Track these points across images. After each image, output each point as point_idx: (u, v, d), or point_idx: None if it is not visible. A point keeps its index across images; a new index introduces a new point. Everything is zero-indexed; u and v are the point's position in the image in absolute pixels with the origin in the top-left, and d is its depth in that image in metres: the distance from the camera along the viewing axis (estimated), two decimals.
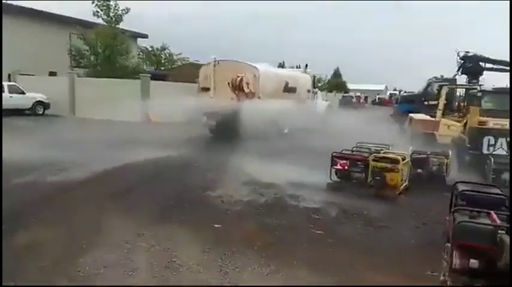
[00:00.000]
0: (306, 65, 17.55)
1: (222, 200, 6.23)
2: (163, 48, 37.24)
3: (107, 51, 23.17)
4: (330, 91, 49.78)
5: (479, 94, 9.31)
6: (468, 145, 8.87)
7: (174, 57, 38.76)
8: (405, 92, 25.37)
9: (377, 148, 8.17)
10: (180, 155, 10.14)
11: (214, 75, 12.68)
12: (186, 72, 31.05)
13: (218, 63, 12.82)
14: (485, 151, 8.47)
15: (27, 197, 6.04)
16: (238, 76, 12.27)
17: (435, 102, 17.46)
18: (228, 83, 12.41)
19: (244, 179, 7.81)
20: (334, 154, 7.29)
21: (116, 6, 23.86)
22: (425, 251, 4.56)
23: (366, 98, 58.39)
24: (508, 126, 8.22)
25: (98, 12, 23.47)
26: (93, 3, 23.20)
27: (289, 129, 14.38)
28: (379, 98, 65.54)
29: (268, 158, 9.68)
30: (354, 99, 44.30)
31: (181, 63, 37.98)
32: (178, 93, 21.37)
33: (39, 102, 20.16)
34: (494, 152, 8.37)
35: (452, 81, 17.63)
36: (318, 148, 10.96)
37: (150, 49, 36.32)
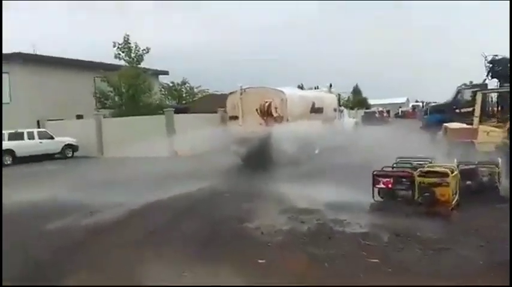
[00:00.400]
0: (330, 85, 17.43)
1: (262, 232, 5.86)
2: (183, 83, 38.07)
3: (130, 91, 23.67)
4: (352, 108, 49.26)
5: None
6: None
7: (195, 89, 39.50)
8: (433, 102, 24.69)
9: (419, 162, 7.68)
10: (211, 186, 9.89)
11: (242, 103, 12.79)
12: (207, 103, 31.50)
13: (245, 91, 12.92)
14: None
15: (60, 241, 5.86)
16: (266, 102, 12.29)
17: (467, 109, 16.86)
18: (257, 110, 12.45)
19: (281, 206, 7.47)
20: (375, 173, 6.86)
21: (136, 47, 24.51)
22: (497, 272, 4.06)
23: (388, 112, 57.34)
24: None
25: (119, 54, 24.16)
26: (114, 46, 23.93)
27: (319, 149, 14.23)
28: (402, 111, 64.40)
29: (302, 181, 9.36)
30: (377, 114, 43.53)
31: (202, 95, 38.67)
32: (201, 124, 21.58)
33: (68, 146, 20.55)
34: None
35: (482, 86, 16.92)
36: (351, 167, 10.79)
37: (171, 85, 37.13)
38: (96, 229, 6.59)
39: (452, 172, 6.45)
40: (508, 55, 16.69)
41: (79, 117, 23.90)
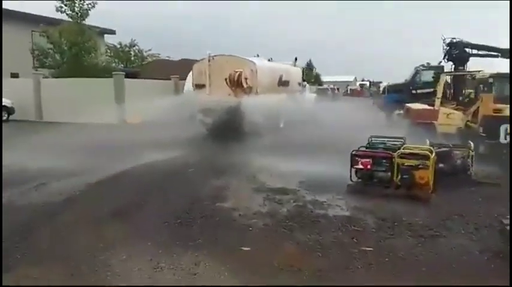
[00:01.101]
0: (296, 58, 17.13)
1: (240, 214, 5.36)
2: (132, 45, 35.73)
3: (73, 49, 21.57)
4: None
5: (490, 80, 8.85)
6: (483, 134, 8.39)
7: (144, 53, 37.31)
8: (376, 82, 25.29)
9: (393, 143, 7.51)
10: (173, 159, 9.16)
11: (210, 71, 12.15)
12: (157, 69, 29.87)
13: (213, 58, 12.26)
14: (502, 140, 8.02)
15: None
16: (236, 71, 11.75)
17: (423, 90, 17.27)
18: (226, 79, 11.86)
19: (253, 184, 7.03)
20: (354, 152, 6.55)
21: (81, 1, 22.24)
22: (497, 264, 3.91)
23: (337, 89, 58.41)
24: None
25: (61, 7, 21.76)
26: None
27: (284, 122, 14.04)
28: (350, 89, 65.96)
29: (272, 156, 9.02)
30: (329, 91, 44.05)
31: (152, 60, 36.63)
32: (153, 91, 20.40)
33: (3, 108, 18.44)
34: None
35: (439, 68, 17.37)
36: (319, 142, 10.70)
37: (118, 46, 34.67)
38: (51, 203, 5.75)
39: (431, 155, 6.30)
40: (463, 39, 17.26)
41: (14, 76, 21.51)
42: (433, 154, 6.42)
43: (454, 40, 16.97)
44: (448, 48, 17.18)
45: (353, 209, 5.53)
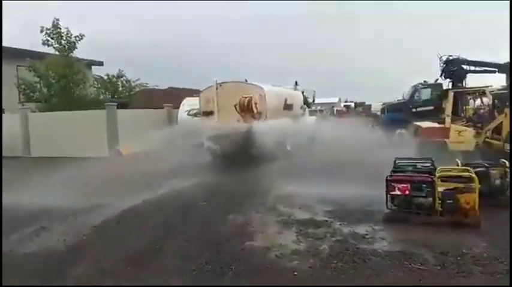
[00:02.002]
0: (296, 82, 17.50)
1: (276, 254, 4.70)
2: (119, 75, 35.12)
3: (61, 82, 20.90)
4: None
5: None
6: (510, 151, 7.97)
7: (132, 83, 36.78)
8: (357, 102, 25.16)
9: (424, 164, 6.99)
10: (182, 190, 8.53)
11: (218, 98, 12.04)
12: (146, 98, 29.32)
13: (220, 85, 12.15)
14: None
15: None
16: (245, 97, 11.65)
17: (423, 108, 17.06)
18: (235, 105, 11.73)
19: (278, 216, 6.38)
20: (389, 177, 6.00)
21: (68, 33, 21.75)
22: None
23: (323, 111, 58.56)
24: None
25: (48, 41, 21.19)
26: (42, 31, 20.92)
27: (290, 146, 14.01)
28: (337, 110, 66.41)
29: (288, 182, 8.55)
30: (318, 113, 44.07)
31: (140, 89, 36.08)
32: (147, 120, 19.80)
33: None
34: None
35: (438, 86, 17.27)
36: (332, 165, 10.39)
37: (105, 77, 34.07)
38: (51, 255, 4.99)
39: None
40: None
41: None
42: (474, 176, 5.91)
43: (451, 57, 16.97)
44: (444, 65, 17.16)
45: (402, 243, 4.92)
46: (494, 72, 17.54)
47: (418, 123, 12.54)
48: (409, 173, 6.19)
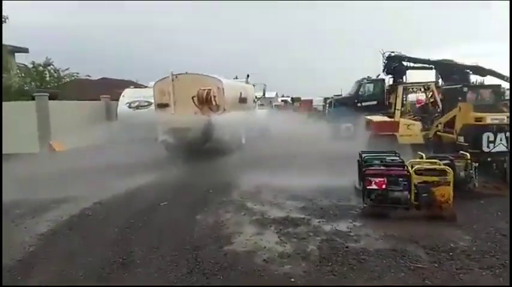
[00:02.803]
0: (248, 75, 17.37)
1: (264, 259, 4.31)
2: (47, 64, 32.20)
3: None
4: None
5: (465, 89, 8.92)
6: (464, 144, 8.27)
7: (61, 73, 34.01)
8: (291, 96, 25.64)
9: (390, 157, 6.99)
10: (138, 189, 7.79)
11: (174, 90, 11.59)
12: (78, 90, 27.31)
13: (176, 77, 11.72)
14: (485, 149, 7.94)
15: None
16: (204, 89, 11.32)
17: (367, 103, 17.56)
18: (193, 97, 11.33)
19: (250, 215, 6.00)
20: (366, 171, 5.87)
21: None
22: None
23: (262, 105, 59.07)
24: (506, 121, 7.82)
25: None
26: None
27: (245, 139, 13.99)
28: (275, 105, 67.34)
29: (250, 176, 8.41)
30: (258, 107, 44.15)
31: (70, 80, 33.54)
32: (82, 113, 18.29)
33: None
34: (494, 149, 7.89)
35: (380, 81, 17.85)
36: (287, 156, 10.76)
37: (31, 65, 31.06)
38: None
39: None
40: None
41: None
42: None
43: (393, 54, 17.61)
44: (386, 61, 17.79)
45: (389, 239, 4.79)
46: (431, 69, 18.52)
47: (369, 117, 12.78)
48: (383, 167, 6.10)
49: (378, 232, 5.05)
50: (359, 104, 17.49)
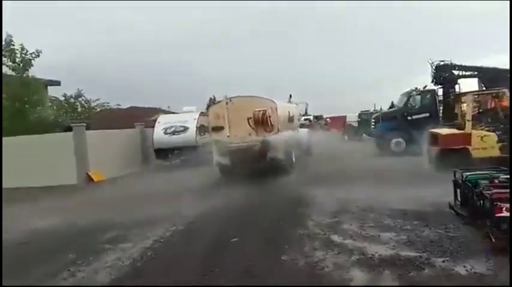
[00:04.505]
0: (290, 96, 17.23)
1: None
2: (78, 95, 32.49)
3: (17, 104, 18.51)
4: None
5: None
6: None
7: (92, 103, 34.27)
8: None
9: (501, 175, 5.83)
10: (197, 222, 6.91)
11: (228, 113, 11.93)
12: (108, 119, 27.24)
13: (231, 100, 12.09)
14: None
15: None
16: (259, 111, 11.70)
17: (419, 116, 16.35)
18: (249, 119, 11.73)
19: (347, 252, 4.97)
20: (494, 195, 4.74)
21: (23, 50, 19.44)
22: None
23: None
24: None
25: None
26: None
27: (295, 157, 13.96)
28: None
29: (316, 200, 8.05)
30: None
31: (101, 110, 33.74)
32: (118, 142, 17.82)
33: None
34: None
35: (431, 92, 16.70)
36: (346, 176, 10.58)
37: (62, 98, 31.31)
38: None
39: None
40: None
41: None
42: None
43: (442, 63, 16.53)
44: (435, 71, 16.69)
45: None
46: (480, 76, 17.26)
47: (435, 130, 11.60)
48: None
49: None
50: (409, 117, 16.30)
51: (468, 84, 17.20)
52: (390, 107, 21.67)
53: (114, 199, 10.19)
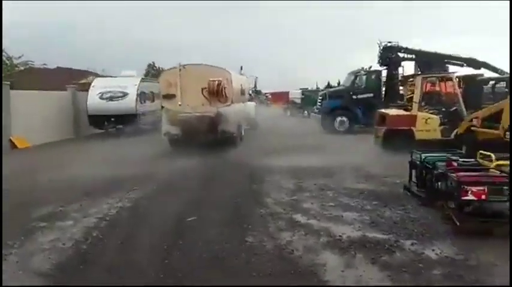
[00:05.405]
0: (241, 68, 17.14)
1: None
2: None
3: None
4: None
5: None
6: None
7: (14, 61, 30.89)
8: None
9: (458, 158, 5.94)
10: (147, 197, 6.32)
11: (181, 81, 11.28)
12: (33, 79, 24.80)
13: (184, 67, 11.42)
14: None
15: None
16: (214, 81, 11.14)
17: (364, 95, 16.70)
18: (203, 89, 11.21)
19: (315, 234, 4.76)
20: (461, 178, 4.73)
21: None
22: None
23: None
24: None
25: None
26: None
27: (244, 130, 14.03)
28: None
29: (271, 176, 7.92)
30: None
31: (24, 69, 30.55)
32: (48, 105, 16.24)
33: None
34: None
35: (377, 72, 17.07)
36: (294, 151, 10.55)
37: None
38: None
39: None
40: None
41: None
42: None
43: (389, 44, 16.88)
44: (382, 52, 17.02)
45: None
46: (417, 60, 17.81)
47: (383, 110, 11.80)
48: (483, 172, 5.01)
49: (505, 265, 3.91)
50: (354, 97, 16.59)
51: (406, 67, 17.90)
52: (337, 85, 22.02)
53: (38, 169, 9.11)
